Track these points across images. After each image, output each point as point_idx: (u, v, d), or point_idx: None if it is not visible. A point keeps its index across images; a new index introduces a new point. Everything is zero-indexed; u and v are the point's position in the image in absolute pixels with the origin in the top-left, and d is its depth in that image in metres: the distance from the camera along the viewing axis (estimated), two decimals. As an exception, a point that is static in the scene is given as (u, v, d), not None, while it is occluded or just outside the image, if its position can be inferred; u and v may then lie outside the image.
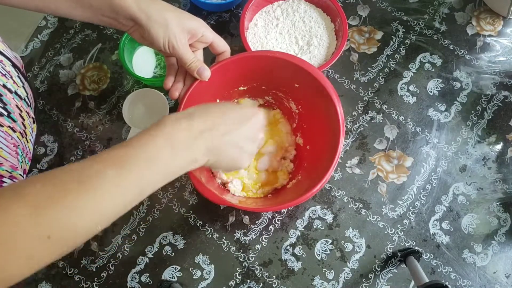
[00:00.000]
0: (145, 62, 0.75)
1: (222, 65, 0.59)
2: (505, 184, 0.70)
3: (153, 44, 0.53)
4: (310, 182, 0.57)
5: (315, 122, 0.64)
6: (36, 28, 0.79)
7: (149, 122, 0.69)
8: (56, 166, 0.69)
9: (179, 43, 0.52)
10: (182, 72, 0.58)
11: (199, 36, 0.55)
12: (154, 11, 0.50)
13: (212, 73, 0.57)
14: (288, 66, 0.60)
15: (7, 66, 0.61)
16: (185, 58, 0.54)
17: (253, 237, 0.66)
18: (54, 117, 0.73)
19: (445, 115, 0.74)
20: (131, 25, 0.52)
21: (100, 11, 0.50)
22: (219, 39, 0.58)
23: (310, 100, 0.63)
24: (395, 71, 0.77)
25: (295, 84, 0.63)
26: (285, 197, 0.62)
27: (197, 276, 0.64)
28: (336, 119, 0.57)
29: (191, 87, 0.57)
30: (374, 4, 0.82)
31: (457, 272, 0.65)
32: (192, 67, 0.55)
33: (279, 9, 0.76)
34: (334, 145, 0.56)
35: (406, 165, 0.71)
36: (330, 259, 0.65)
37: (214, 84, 0.59)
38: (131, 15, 0.50)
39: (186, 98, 0.57)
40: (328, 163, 0.55)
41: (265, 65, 0.61)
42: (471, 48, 0.79)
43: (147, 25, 0.50)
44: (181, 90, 0.58)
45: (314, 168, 0.62)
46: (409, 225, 0.67)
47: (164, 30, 0.51)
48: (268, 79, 0.65)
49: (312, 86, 0.59)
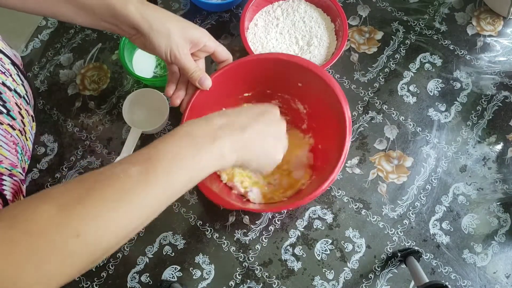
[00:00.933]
0: (145, 62, 0.75)
1: (222, 72, 0.59)
2: (505, 184, 0.70)
3: (155, 53, 0.53)
4: (319, 181, 0.56)
5: (323, 120, 0.63)
6: (36, 28, 0.79)
7: (149, 122, 0.69)
8: (56, 166, 0.70)
9: (181, 53, 0.52)
10: (183, 80, 0.59)
11: (201, 45, 0.55)
12: (156, 20, 0.50)
13: (213, 81, 0.57)
14: (290, 66, 0.59)
15: (6, 64, 0.61)
16: (187, 68, 0.54)
17: (253, 237, 0.66)
18: (54, 117, 0.73)
19: (445, 115, 0.74)
20: (133, 33, 0.52)
21: (102, 17, 0.50)
22: (221, 48, 0.58)
23: (315, 98, 0.63)
24: (395, 71, 0.77)
25: (298, 83, 0.63)
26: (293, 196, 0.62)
27: (197, 276, 0.64)
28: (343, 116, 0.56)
29: (193, 96, 0.57)
30: (374, 4, 0.82)
31: (457, 272, 0.65)
32: (194, 76, 0.55)
33: (279, 9, 0.76)
34: (341, 143, 0.55)
35: (406, 165, 0.71)
36: (330, 259, 0.65)
37: (217, 92, 0.59)
38: (133, 23, 0.50)
39: (189, 108, 0.57)
40: (335, 162, 0.54)
41: (266, 68, 0.61)
42: (471, 48, 0.79)
43: (149, 34, 0.50)
44: (182, 98, 0.58)
45: (323, 168, 0.61)
46: (409, 225, 0.67)
47: (166, 40, 0.51)
48: (270, 82, 0.64)
49: (316, 83, 0.59)
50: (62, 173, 0.69)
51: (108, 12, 0.49)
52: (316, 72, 0.58)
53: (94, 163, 0.70)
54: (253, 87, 0.66)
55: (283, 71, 0.61)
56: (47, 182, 0.69)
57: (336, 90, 0.57)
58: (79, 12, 0.50)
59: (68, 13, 0.50)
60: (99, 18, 0.51)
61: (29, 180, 0.69)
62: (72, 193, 0.34)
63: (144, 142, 0.71)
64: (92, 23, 0.52)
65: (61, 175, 0.69)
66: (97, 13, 0.50)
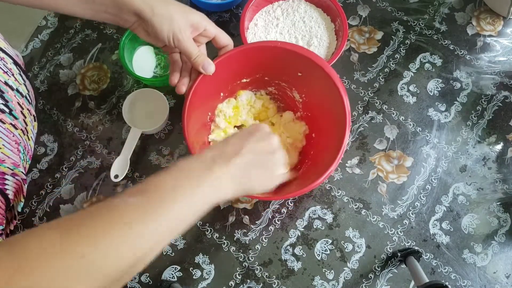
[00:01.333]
0: (145, 62, 0.75)
1: (224, 58, 0.59)
2: (505, 184, 0.70)
3: (157, 38, 0.52)
4: (317, 172, 0.56)
5: (320, 110, 0.64)
6: (36, 28, 0.79)
7: (149, 122, 0.69)
8: (56, 166, 0.70)
9: (184, 36, 0.52)
10: (186, 67, 0.58)
11: (201, 30, 0.54)
12: (158, 4, 0.50)
13: (216, 66, 0.57)
14: (290, 55, 0.60)
15: (8, 63, 0.61)
16: (190, 51, 0.53)
17: (253, 237, 0.66)
18: (54, 117, 0.73)
19: (445, 115, 0.74)
20: (134, 20, 0.51)
21: (103, 7, 0.50)
22: (222, 33, 0.57)
23: (314, 88, 0.63)
24: (395, 71, 0.77)
25: (298, 73, 0.63)
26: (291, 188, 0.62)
27: (197, 276, 0.64)
28: (342, 106, 0.57)
29: (196, 81, 0.57)
30: (374, 4, 0.82)
31: (457, 272, 0.65)
32: (197, 61, 0.55)
33: (279, 9, 0.76)
34: (341, 133, 0.56)
35: (406, 165, 0.71)
36: (330, 259, 0.65)
37: (218, 78, 0.59)
38: (135, 9, 0.49)
39: (192, 92, 0.57)
40: (335, 153, 0.55)
41: (267, 55, 0.61)
42: (471, 48, 0.79)
43: (152, 18, 0.50)
44: (187, 85, 0.58)
45: (320, 158, 0.61)
46: (409, 225, 0.67)
47: (169, 24, 0.50)
48: (270, 69, 0.65)
49: (316, 74, 0.59)
50: (62, 173, 0.69)
51: (109, 1, 0.49)
52: (317, 63, 0.58)
53: (94, 163, 0.70)
54: (252, 73, 0.66)
55: (284, 60, 0.61)
56: (47, 182, 0.69)
57: (336, 81, 0.58)
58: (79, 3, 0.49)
59: (66, 4, 0.50)
60: (99, 8, 0.50)
61: (29, 180, 0.69)
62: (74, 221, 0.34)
63: (144, 142, 0.71)
64: (92, 14, 0.51)
65: (61, 175, 0.69)
66: (98, 2, 0.49)
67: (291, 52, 0.59)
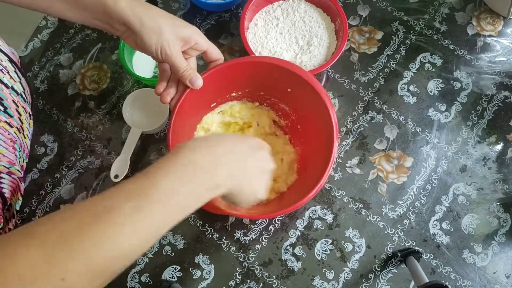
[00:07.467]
0: (145, 62, 0.75)
1: (213, 72, 0.58)
2: (505, 184, 0.70)
3: (146, 51, 0.52)
4: (306, 187, 0.56)
5: (310, 125, 0.64)
6: (36, 28, 0.79)
7: (149, 122, 0.69)
8: (56, 166, 0.70)
9: (172, 50, 0.51)
10: (174, 78, 0.58)
11: (192, 43, 0.54)
12: (147, 17, 0.49)
13: (204, 81, 0.56)
14: (279, 71, 0.60)
15: (3, 61, 0.61)
16: (178, 66, 0.53)
17: (253, 237, 0.66)
18: (54, 117, 0.73)
19: (445, 115, 0.74)
20: (123, 30, 0.51)
21: (94, 14, 0.50)
22: (213, 47, 0.57)
23: (303, 104, 0.63)
24: (395, 71, 0.77)
25: (287, 88, 0.63)
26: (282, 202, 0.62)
27: (197, 276, 0.64)
28: (330, 123, 0.57)
29: (183, 95, 0.57)
30: (374, 4, 0.82)
31: (457, 272, 0.65)
32: (184, 75, 0.54)
33: (279, 9, 0.76)
34: (328, 150, 0.56)
35: (406, 165, 0.71)
36: (330, 259, 0.65)
37: (206, 92, 0.58)
38: (124, 20, 0.49)
39: (178, 106, 0.57)
40: (323, 168, 0.55)
41: (257, 71, 0.61)
42: (471, 48, 0.79)
43: (140, 31, 0.49)
44: (172, 96, 0.57)
45: (309, 173, 0.61)
46: (409, 225, 0.67)
47: (158, 37, 0.50)
48: (260, 84, 0.64)
49: (305, 90, 0.59)
50: (62, 173, 0.69)
51: (99, 9, 0.49)
52: (304, 78, 0.58)
53: (94, 163, 0.70)
54: (241, 88, 0.66)
55: (273, 75, 0.61)
56: (47, 182, 0.69)
57: (322, 96, 0.58)
58: (71, 8, 0.49)
59: (58, 9, 0.50)
60: (90, 16, 0.50)
61: (29, 180, 0.69)
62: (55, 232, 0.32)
63: (144, 142, 0.71)
64: (84, 20, 0.51)
65: (61, 175, 0.69)
66: (89, 10, 0.49)
67: (278, 67, 0.59)
